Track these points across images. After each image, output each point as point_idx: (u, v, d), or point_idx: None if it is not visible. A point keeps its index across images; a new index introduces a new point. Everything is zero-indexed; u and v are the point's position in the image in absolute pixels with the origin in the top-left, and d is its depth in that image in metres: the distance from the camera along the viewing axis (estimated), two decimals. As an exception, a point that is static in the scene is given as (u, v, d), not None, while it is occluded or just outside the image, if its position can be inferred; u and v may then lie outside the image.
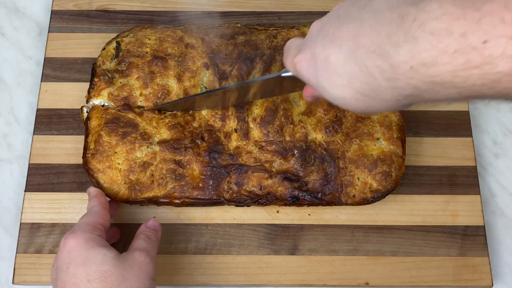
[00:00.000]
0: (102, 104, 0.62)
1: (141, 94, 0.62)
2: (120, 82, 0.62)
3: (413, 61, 0.31)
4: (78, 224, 0.52)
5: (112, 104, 0.61)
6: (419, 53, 0.30)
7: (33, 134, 0.65)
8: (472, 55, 0.28)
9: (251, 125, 0.61)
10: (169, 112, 0.61)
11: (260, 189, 0.59)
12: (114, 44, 0.64)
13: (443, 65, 0.29)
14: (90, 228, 0.51)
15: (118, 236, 0.60)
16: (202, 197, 0.58)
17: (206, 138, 0.60)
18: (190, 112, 0.61)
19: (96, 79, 0.62)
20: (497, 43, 0.27)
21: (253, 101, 0.61)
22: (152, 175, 0.59)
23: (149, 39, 0.64)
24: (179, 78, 0.62)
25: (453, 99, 0.32)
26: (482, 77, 0.29)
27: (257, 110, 0.61)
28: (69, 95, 0.67)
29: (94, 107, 0.62)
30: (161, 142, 0.59)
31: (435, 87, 0.31)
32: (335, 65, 0.36)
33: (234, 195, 0.59)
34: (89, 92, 0.62)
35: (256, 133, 0.60)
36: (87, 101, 0.62)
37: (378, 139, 0.60)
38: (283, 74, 0.47)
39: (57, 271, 0.49)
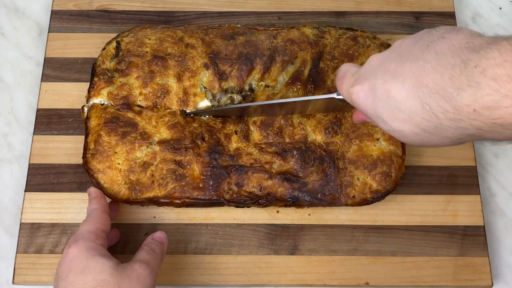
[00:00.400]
0: (102, 103, 0.62)
1: (140, 94, 0.62)
2: (120, 82, 0.62)
3: (476, 104, 0.33)
4: (80, 232, 0.52)
5: (112, 103, 0.62)
6: (482, 97, 0.32)
7: (33, 134, 0.65)
8: None
9: (251, 127, 0.61)
10: (168, 110, 0.61)
11: (260, 190, 0.59)
12: (114, 44, 0.64)
13: (505, 109, 0.32)
14: (93, 237, 0.51)
15: (118, 237, 0.60)
16: (202, 198, 0.58)
17: (206, 139, 0.60)
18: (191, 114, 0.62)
19: (96, 79, 0.62)
20: None
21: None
22: (153, 175, 0.59)
23: (149, 39, 0.64)
24: (179, 78, 0.62)
25: None
26: None
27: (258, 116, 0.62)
28: (69, 95, 0.67)
29: (93, 106, 0.62)
30: (161, 142, 0.59)
31: (498, 129, 0.33)
32: (396, 100, 0.38)
33: (234, 195, 0.59)
34: (89, 91, 0.62)
35: (256, 135, 0.60)
36: (87, 101, 0.62)
37: (377, 139, 0.60)
38: (337, 97, 0.49)
39: (58, 279, 0.49)
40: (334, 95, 0.50)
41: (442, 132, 0.37)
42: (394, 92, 0.38)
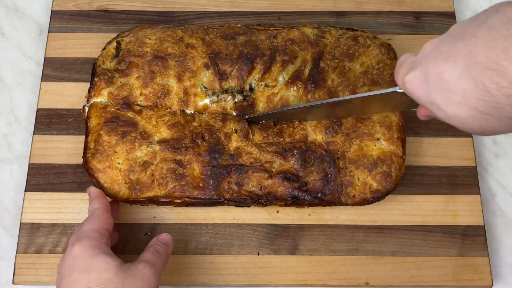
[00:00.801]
0: (102, 102, 0.62)
1: (141, 94, 0.62)
2: (120, 82, 0.62)
3: None
4: (84, 230, 0.52)
5: (112, 103, 0.62)
6: None
7: (33, 134, 0.65)
8: None
9: (252, 127, 0.61)
10: (168, 110, 0.61)
11: (260, 189, 0.59)
12: (114, 44, 0.64)
13: None
14: (97, 236, 0.51)
15: (117, 239, 0.60)
16: (203, 197, 0.58)
17: (206, 138, 0.60)
18: (190, 112, 0.62)
19: (96, 79, 0.62)
20: None
21: (255, 108, 0.62)
22: (153, 175, 0.59)
23: (150, 39, 0.64)
24: (179, 78, 0.62)
25: None
26: None
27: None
28: (69, 95, 0.67)
29: (93, 105, 0.62)
30: (161, 142, 0.59)
31: None
32: (449, 82, 0.36)
33: (234, 195, 0.59)
34: (89, 91, 0.62)
35: (256, 135, 0.60)
36: (87, 101, 0.62)
37: (378, 139, 0.60)
38: (398, 90, 0.47)
39: (61, 277, 0.49)
40: (397, 89, 0.47)
41: (501, 112, 0.34)
42: (446, 74, 0.36)
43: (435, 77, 0.37)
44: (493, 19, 0.34)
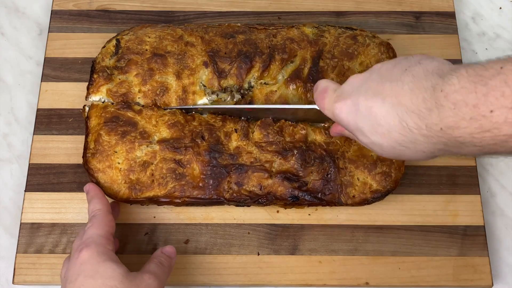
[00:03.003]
0: (102, 100, 0.62)
1: (139, 91, 0.62)
2: (119, 79, 0.62)
3: (442, 124, 0.37)
4: (90, 235, 0.52)
5: (111, 101, 0.62)
6: (446, 118, 0.37)
7: (33, 134, 0.65)
8: (483, 122, 0.35)
9: (251, 126, 0.61)
10: (168, 110, 0.61)
11: (260, 189, 0.59)
12: (114, 42, 0.64)
13: (463, 129, 0.36)
14: (104, 242, 0.51)
15: (118, 244, 0.59)
16: (202, 197, 0.58)
17: (206, 137, 0.60)
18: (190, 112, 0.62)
19: (95, 76, 0.62)
20: (500, 112, 0.35)
21: (254, 103, 0.62)
22: (152, 175, 0.59)
23: (149, 37, 0.64)
24: (178, 76, 0.62)
25: (476, 154, 0.39)
26: (493, 138, 0.36)
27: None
28: (69, 95, 0.67)
29: (93, 105, 0.62)
30: (161, 141, 0.59)
31: (460, 145, 0.38)
32: (377, 115, 0.42)
33: (234, 194, 0.59)
34: (88, 88, 0.62)
35: (256, 134, 0.60)
36: (86, 97, 0.62)
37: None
38: (317, 108, 0.52)
39: (66, 281, 0.49)
40: (315, 107, 0.53)
41: (417, 147, 0.41)
42: (375, 109, 0.42)
43: (365, 109, 0.43)
44: (416, 70, 0.41)
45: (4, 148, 0.67)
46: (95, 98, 0.62)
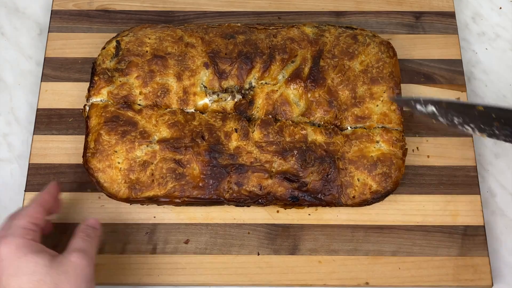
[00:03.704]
0: (102, 102, 0.62)
1: (140, 93, 0.62)
2: (120, 81, 0.62)
3: None
4: (9, 226, 0.50)
5: (112, 102, 0.62)
6: None
7: (33, 134, 0.65)
8: None
9: (251, 125, 0.61)
10: (168, 109, 0.61)
11: (260, 189, 0.59)
12: (114, 43, 0.64)
13: None
14: (22, 232, 0.49)
15: (51, 227, 0.58)
16: (202, 197, 0.58)
17: (206, 137, 0.60)
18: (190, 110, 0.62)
19: (96, 78, 0.62)
20: None
21: (254, 104, 0.62)
22: (152, 174, 0.59)
23: (149, 38, 0.64)
24: (179, 77, 0.62)
25: None
26: None
27: (258, 113, 0.62)
28: (69, 95, 0.67)
29: (93, 105, 0.62)
30: (161, 141, 0.59)
31: None
32: None
33: (234, 194, 0.59)
34: (89, 90, 0.62)
35: (256, 133, 0.60)
36: (87, 100, 0.62)
37: (377, 142, 0.60)
38: None
39: None
40: None
41: None
42: None
43: None
44: None
45: (4, 148, 0.67)
46: (95, 100, 0.62)
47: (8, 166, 0.67)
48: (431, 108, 0.53)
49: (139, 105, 0.62)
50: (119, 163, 0.59)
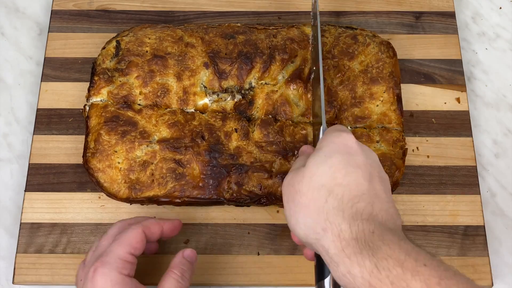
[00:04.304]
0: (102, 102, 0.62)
1: (140, 93, 0.62)
2: (120, 81, 0.62)
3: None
4: (108, 252, 0.48)
5: (112, 102, 0.62)
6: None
7: (33, 134, 0.65)
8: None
9: (251, 125, 0.61)
10: (168, 109, 0.61)
11: (260, 189, 0.59)
12: (114, 43, 0.64)
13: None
14: (120, 266, 0.48)
15: (156, 248, 0.58)
16: (202, 197, 0.58)
17: (206, 137, 0.60)
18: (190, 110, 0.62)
19: (96, 78, 0.62)
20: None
21: (254, 104, 0.62)
22: (152, 174, 0.59)
23: (149, 38, 0.64)
24: (179, 77, 0.62)
25: None
26: None
27: (258, 113, 0.62)
28: (69, 95, 0.67)
29: (93, 105, 0.62)
30: (161, 141, 0.59)
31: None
32: (298, 220, 0.45)
33: (234, 195, 0.59)
34: (89, 90, 0.62)
35: (256, 133, 0.60)
36: (87, 100, 0.62)
37: (377, 141, 0.60)
38: None
39: None
40: None
41: (313, 247, 0.44)
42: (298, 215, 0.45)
43: (289, 206, 0.46)
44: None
45: (4, 148, 0.67)
46: (95, 100, 0.62)
47: (8, 166, 0.67)
48: None
49: (139, 105, 0.62)
50: (119, 163, 0.59)
